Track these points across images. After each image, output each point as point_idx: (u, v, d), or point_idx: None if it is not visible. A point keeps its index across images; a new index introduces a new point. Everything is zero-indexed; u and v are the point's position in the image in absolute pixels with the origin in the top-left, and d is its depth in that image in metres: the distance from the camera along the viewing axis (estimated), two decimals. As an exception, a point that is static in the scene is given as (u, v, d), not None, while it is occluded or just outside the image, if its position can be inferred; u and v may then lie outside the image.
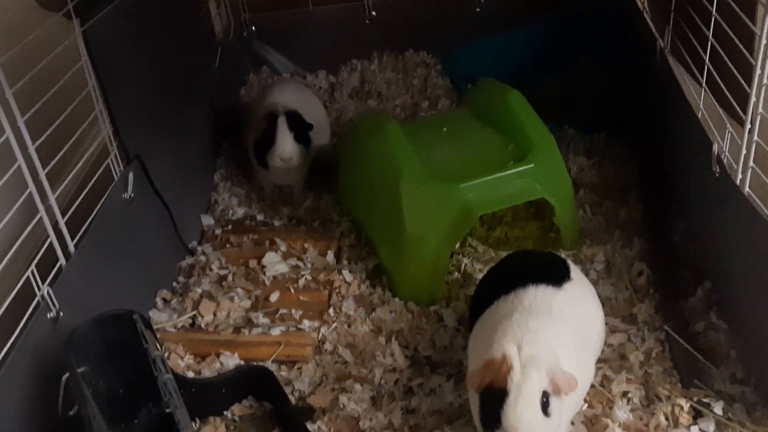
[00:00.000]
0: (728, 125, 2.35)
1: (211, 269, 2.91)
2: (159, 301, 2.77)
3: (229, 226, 3.21)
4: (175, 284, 2.89)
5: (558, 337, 1.93)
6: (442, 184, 2.60)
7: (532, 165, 2.64)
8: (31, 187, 2.12)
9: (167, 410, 1.95)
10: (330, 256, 2.94)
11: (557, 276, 2.15)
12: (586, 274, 2.55)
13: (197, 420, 2.27)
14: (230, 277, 2.86)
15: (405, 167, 2.66)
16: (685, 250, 2.73)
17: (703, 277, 2.55)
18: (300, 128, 3.11)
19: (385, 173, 2.75)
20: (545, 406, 1.78)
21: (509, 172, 2.62)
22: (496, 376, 1.80)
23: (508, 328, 1.93)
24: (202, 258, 2.97)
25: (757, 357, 2.19)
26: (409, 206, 2.62)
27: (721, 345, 2.33)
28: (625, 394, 2.24)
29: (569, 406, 1.93)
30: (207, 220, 3.24)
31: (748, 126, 2.16)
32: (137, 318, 2.10)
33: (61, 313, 2.11)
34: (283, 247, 3.01)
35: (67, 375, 1.96)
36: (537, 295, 2.06)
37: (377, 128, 2.87)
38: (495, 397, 1.79)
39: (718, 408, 2.13)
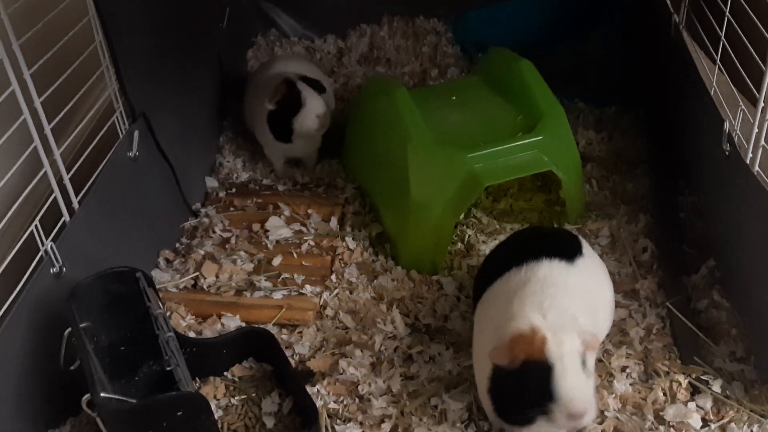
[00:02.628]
0: (741, 103, 2.33)
1: (214, 231, 2.90)
2: (161, 261, 2.77)
3: (233, 189, 3.19)
4: (177, 245, 2.89)
5: (573, 307, 1.92)
6: (450, 152, 2.58)
7: (540, 137, 2.62)
8: (36, 142, 2.11)
9: (168, 368, 1.96)
10: (333, 222, 2.93)
11: (570, 251, 2.13)
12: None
13: (197, 379, 2.29)
14: (233, 240, 2.86)
15: (413, 133, 2.64)
16: (690, 226, 2.72)
17: (708, 255, 2.54)
18: (319, 91, 3.08)
19: (393, 139, 2.73)
20: (583, 366, 1.76)
21: (517, 143, 2.60)
22: (531, 349, 1.75)
23: (525, 298, 1.91)
24: (206, 220, 2.96)
25: (758, 335, 2.20)
26: (415, 173, 2.60)
27: (722, 323, 2.33)
28: (624, 368, 2.25)
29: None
30: (211, 183, 3.23)
31: (761, 105, 2.14)
32: (140, 276, 2.10)
33: (64, 269, 2.12)
34: (286, 212, 3.00)
35: (69, 329, 1.96)
36: (551, 268, 2.04)
37: (386, 93, 2.84)
38: (538, 372, 1.72)
39: (716, 385, 2.14)
